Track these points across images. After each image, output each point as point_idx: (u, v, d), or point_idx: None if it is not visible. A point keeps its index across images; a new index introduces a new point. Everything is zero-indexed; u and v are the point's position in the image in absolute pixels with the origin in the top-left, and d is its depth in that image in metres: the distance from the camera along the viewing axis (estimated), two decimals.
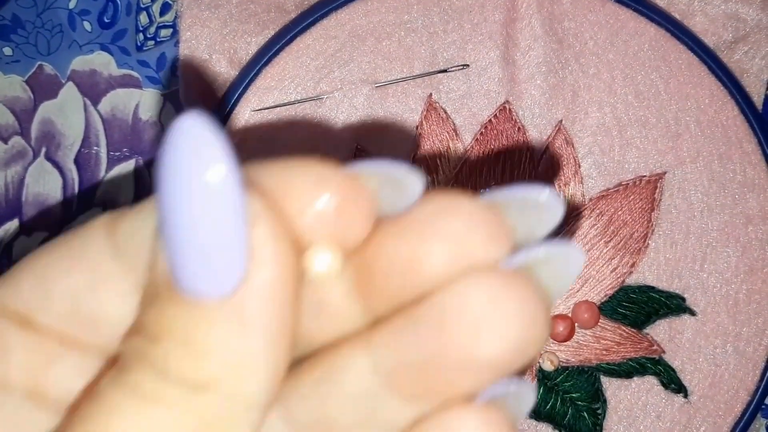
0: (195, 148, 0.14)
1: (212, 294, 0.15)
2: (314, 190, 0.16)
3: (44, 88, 0.39)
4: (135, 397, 0.15)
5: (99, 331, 0.18)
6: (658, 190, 0.37)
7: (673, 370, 0.37)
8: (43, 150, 0.39)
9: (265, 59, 0.36)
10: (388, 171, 0.16)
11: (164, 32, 0.39)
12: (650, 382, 0.37)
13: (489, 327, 0.15)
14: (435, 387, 0.16)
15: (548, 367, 0.36)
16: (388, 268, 0.16)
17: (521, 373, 0.16)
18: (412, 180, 0.16)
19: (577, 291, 0.36)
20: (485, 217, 0.16)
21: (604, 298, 0.37)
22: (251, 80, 0.36)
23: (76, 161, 0.39)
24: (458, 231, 0.16)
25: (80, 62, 0.39)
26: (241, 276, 0.15)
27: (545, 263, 0.16)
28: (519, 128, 0.36)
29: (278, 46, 0.36)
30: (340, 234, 0.16)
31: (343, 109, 0.36)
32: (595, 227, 0.36)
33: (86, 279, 0.17)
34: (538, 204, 0.16)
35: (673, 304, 0.37)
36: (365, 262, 0.17)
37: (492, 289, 0.15)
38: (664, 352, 0.37)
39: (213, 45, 0.37)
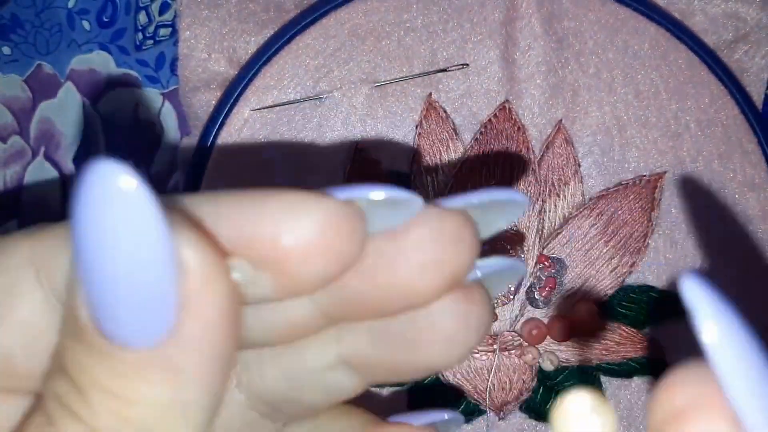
0: (118, 199, 0.12)
1: (140, 344, 0.13)
2: (297, 220, 0.14)
3: (43, 88, 0.39)
4: None
5: (29, 376, 0.15)
6: (658, 190, 0.36)
7: None
8: (42, 149, 0.39)
9: (264, 58, 0.36)
10: (390, 194, 0.15)
11: (163, 31, 0.39)
12: (651, 382, 0.36)
13: (458, 343, 0.17)
14: (395, 375, 0.18)
15: (548, 367, 0.36)
16: (371, 288, 0.16)
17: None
18: (411, 199, 0.16)
19: (577, 291, 0.36)
20: (462, 233, 0.16)
21: (604, 298, 0.37)
22: (250, 80, 0.36)
23: (75, 161, 0.39)
24: (438, 251, 0.16)
25: (79, 61, 0.39)
26: (171, 325, 0.13)
27: (494, 274, 0.18)
28: (519, 128, 0.36)
29: (277, 46, 0.36)
30: (335, 257, 0.15)
31: (343, 109, 0.36)
32: (595, 227, 0.36)
33: (15, 334, 0.15)
34: (516, 204, 0.17)
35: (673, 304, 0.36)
36: (348, 282, 0.16)
37: (460, 311, 0.17)
38: (664, 352, 0.36)
39: (212, 44, 0.36)
